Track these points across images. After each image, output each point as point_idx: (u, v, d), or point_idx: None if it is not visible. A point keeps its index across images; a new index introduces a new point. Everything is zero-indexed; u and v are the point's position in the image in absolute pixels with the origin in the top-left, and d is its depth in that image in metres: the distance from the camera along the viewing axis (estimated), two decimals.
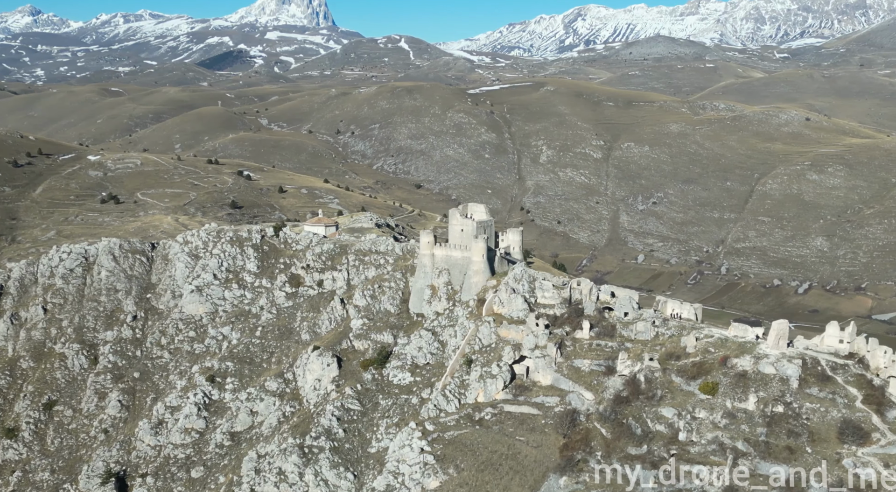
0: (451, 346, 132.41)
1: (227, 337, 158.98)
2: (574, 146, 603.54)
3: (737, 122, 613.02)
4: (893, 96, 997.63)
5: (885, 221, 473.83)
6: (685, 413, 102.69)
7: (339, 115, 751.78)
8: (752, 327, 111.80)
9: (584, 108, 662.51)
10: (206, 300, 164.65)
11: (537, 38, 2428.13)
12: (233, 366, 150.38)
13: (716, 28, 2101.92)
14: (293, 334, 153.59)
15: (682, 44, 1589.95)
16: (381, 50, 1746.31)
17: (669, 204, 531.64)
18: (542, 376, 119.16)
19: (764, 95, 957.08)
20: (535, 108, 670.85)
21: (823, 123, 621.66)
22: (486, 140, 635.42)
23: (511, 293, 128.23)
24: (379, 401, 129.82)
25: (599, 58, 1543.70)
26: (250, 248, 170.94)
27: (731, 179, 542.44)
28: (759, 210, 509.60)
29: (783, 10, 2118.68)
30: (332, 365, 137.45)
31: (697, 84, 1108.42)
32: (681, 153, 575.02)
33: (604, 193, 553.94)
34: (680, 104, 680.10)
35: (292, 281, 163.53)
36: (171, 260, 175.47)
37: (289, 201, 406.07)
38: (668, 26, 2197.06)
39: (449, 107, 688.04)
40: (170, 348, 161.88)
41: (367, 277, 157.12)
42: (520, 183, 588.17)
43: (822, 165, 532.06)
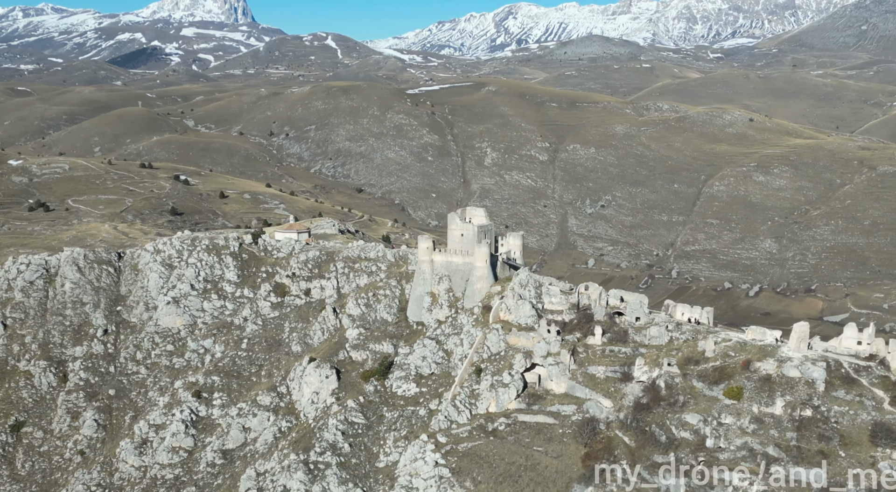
0: (457, 355, 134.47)
1: (210, 350, 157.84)
2: (519, 148, 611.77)
3: (681, 123, 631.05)
4: (828, 97, 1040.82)
5: (831, 222, 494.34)
6: (711, 419, 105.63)
7: (272, 116, 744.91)
8: (769, 331, 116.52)
9: (527, 109, 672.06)
10: (184, 312, 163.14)
11: (468, 37, 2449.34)
12: (219, 380, 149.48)
13: (648, 27, 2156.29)
14: (282, 346, 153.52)
15: (616, 43, 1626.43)
16: (308, 48, 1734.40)
17: (618, 207, 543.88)
18: (556, 384, 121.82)
19: (701, 96, 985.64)
20: (477, 109, 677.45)
21: (767, 123, 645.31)
22: (429, 142, 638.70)
23: (518, 299, 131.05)
24: (384, 413, 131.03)
25: (534, 57, 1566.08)
26: (229, 256, 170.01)
27: (678, 181, 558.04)
28: (707, 212, 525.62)
29: (714, 10, 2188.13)
30: (331, 377, 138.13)
31: (634, 84, 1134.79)
32: (627, 155, 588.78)
33: (551, 197, 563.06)
34: (624, 105, 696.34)
35: (277, 290, 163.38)
36: (141, 270, 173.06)
37: (231, 207, 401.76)
38: (601, 25, 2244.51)
39: (388, 108, 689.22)
40: (146, 364, 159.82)
41: (359, 284, 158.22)
42: (465, 186, 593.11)
43: (767, 166, 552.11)
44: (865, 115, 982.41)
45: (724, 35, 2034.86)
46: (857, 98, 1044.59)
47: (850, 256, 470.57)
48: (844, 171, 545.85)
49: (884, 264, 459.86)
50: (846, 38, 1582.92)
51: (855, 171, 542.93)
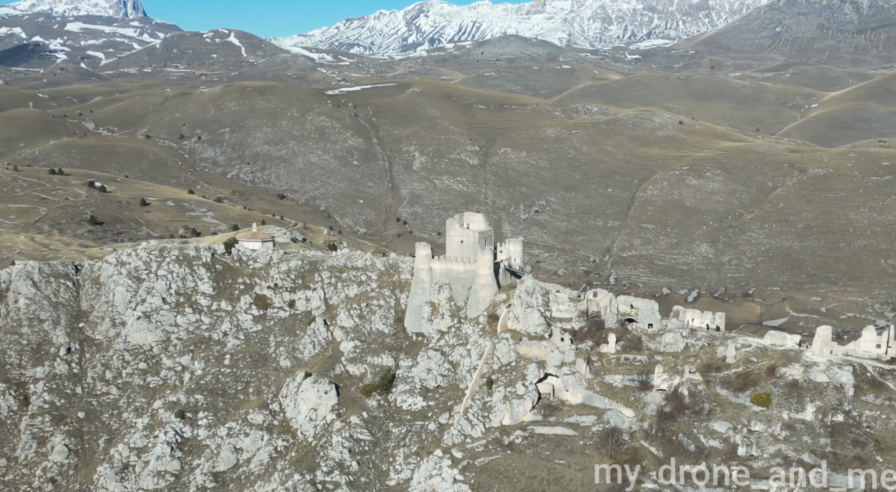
0: (464, 366, 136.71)
1: (188, 367, 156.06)
2: (448, 152, 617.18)
3: (612, 126, 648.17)
4: (747, 99, 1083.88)
5: (765, 225, 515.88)
6: (740, 427, 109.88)
7: (181, 118, 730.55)
8: (789, 335, 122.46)
9: (454, 112, 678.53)
10: (156, 327, 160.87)
11: (378, 35, 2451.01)
12: (203, 399, 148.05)
13: (563, 27, 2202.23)
14: (269, 361, 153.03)
15: (534, 44, 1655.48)
16: (209, 45, 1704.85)
17: (552, 212, 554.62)
18: (572, 395, 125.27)
19: (623, 98, 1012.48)
20: (402, 111, 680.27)
21: (696, 126, 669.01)
22: (353, 145, 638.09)
23: (527, 308, 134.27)
24: (390, 429, 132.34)
25: (450, 57, 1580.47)
26: (201, 267, 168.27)
27: (611, 185, 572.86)
28: (642, 217, 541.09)
29: (629, 10, 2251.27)
30: (331, 392, 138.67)
31: (555, 86, 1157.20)
32: (559, 159, 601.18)
33: (484, 202, 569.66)
34: (553, 107, 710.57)
35: (258, 302, 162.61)
36: (104, 284, 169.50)
37: (155, 215, 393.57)
38: (515, 25, 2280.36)
39: (308, 109, 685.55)
40: (117, 383, 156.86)
41: (349, 295, 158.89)
42: (393, 192, 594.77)
43: (700, 169, 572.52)
44: (784, 118, 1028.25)
45: (640, 36, 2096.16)
46: (775, 100, 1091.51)
47: (785, 260, 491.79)
48: (775, 173, 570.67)
49: (819, 268, 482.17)
50: (761, 40, 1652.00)
51: (786, 173, 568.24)
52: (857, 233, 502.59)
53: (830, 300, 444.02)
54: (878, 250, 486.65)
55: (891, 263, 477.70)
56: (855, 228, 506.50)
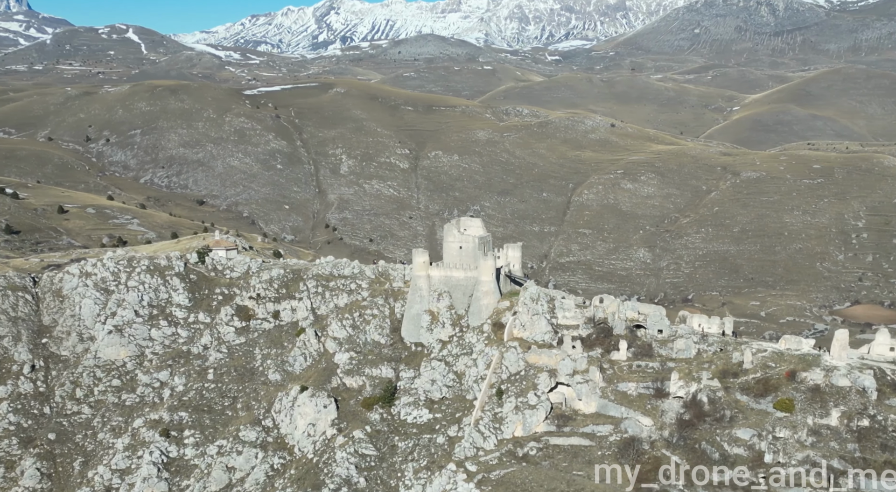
0: (469, 377, 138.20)
1: (168, 383, 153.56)
2: (377, 155, 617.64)
3: (543, 128, 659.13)
4: (670, 102, 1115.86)
5: (702, 229, 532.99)
6: (765, 433, 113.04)
7: (86, 119, 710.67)
8: (804, 340, 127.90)
9: (381, 113, 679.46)
10: (129, 342, 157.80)
11: (286, 33, 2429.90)
12: (188, 416, 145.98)
13: (480, 27, 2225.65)
14: (256, 375, 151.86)
15: (453, 44, 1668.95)
16: (105, 42, 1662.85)
17: (487, 218, 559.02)
18: (585, 404, 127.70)
19: (546, 100, 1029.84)
20: (327, 112, 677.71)
21: (628, 129, 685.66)
22: (276, 148, 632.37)
23: (533, 315, 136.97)
24: (396, 443, 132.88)
25: (366, 57, 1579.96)
26: (175, 277, 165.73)
27: (546, 189, 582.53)
28: (578, 222, 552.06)
29: (546, 10, 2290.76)
30: (330, 406, 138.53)
31: (477, 87, 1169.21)
32: (492, 162, 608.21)
33: (416, 207, 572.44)
34: (483, 109, 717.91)
35: (240, 314, 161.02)
36: (68, 296, 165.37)
37: (76, 224, 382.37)
38: (430, 24, 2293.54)
39: (226, 110, 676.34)
40: (89, 402, 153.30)
41: (338, 304, 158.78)
42: (321, 197, 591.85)
43: (634, 173, 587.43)
44: (707, 121, 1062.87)
45: (558, 36, 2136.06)
46: (698, 103, 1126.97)
47: (722, 265, 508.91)
48: (709, 177, 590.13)
49: (756, 272, 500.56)
50: (680, 42, 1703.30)
51: (719, 177, 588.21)
52: (792, 236, 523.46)
53: (769, 304, 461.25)
54: (813, 254, 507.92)
55: (826, 266, 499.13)
56: (790, 231, 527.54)
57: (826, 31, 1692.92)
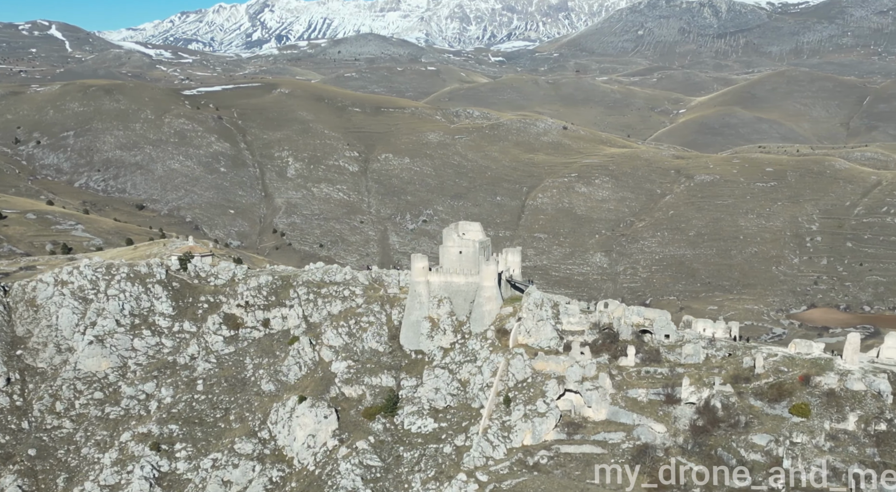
0: (475, 384, 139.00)
1: (154, 395, 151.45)
2: (325, 158, 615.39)
3: (495, 131, 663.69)
4: (616, 104, 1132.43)
5: (657, 233, 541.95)
6: (782, 439, 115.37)
7: (14, 120, 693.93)
8: (815, 343, 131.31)
9: (328, 115, 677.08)
10: (111, 353, 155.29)
11: (219, 31, 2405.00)
12: (178, 429, 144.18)
13: (420, 27, 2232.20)
14: (248, 385, 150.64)
15: (394, 43, 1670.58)
16: (27, 39, 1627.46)
17: (441, 222, 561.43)
18: (595, 411, 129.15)
19: (492, 102, 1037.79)
20: (271, 113, 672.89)
21: (580, 132, 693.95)
22: (219, 151, 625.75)
23: (538, 321, 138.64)
24: (401, 454, 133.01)
25: (305, 56, 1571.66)
26: (157, 285, 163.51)
27: (500, 193, 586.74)
28: (534, 226, 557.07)
29: (488, 10, 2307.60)
30: (331, 417, 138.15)
31: (421, 88, 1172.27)
32: (444, 165, 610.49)
33: (367, 211, 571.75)
34: (433, 111, 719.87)
35: (228, 322, 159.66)
36: (43, 306, 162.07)
37: (15, 229, 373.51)
38: (369, 23, 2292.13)
39: (165, 111, 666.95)
40: (70, 416, 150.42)
41: (332, 312, 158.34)
42: (267, 201, 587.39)
43: (588, 176, 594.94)
44: (654, 123, 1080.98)
45: (500, 37, 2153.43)
46: (644, 105, 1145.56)
47: (679, 269, 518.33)
48: (663, 180, 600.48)
49: (713, 276, 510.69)
50: (624, 44, 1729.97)
51: (673, 180, 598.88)
52: (748, 240, 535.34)
53: (727, 309, 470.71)
54: (768, 257, 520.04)
55: (782, 270, 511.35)
56: (745, 235, 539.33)
57: (768, 34, 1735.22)
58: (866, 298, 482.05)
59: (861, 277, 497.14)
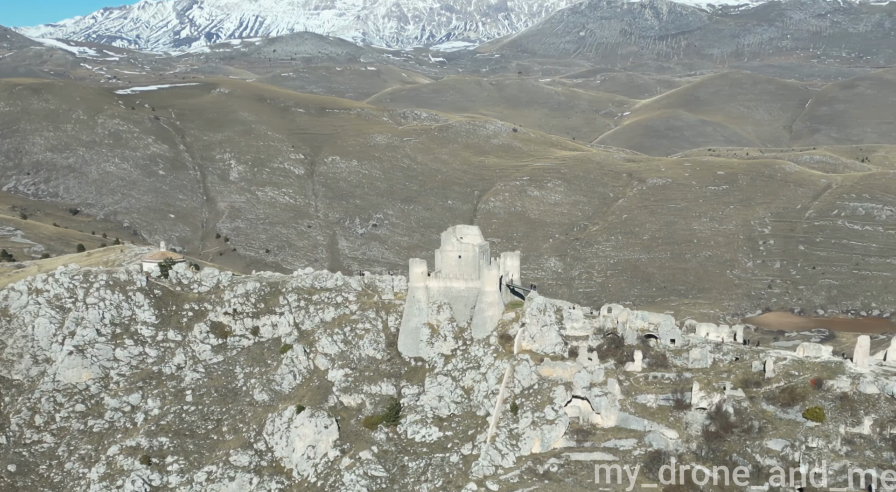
0: (479, 392, 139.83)
1: (140, 407, 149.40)
2: (270, 160, 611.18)
3: (444, 133, 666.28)
4: (561, 106, 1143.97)
5: (611, 237, 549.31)
6: (798, 444, 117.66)
7: None
8: (823, 347, 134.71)
9: (271, 116, 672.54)
10: (92, 363, 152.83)
11: (145, 28, 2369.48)
12: (169, 442, 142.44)
13: (357, 25, 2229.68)
14: (240, 395, 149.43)
15: (331, 43, 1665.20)
16: None
17: (392, 226, 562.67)
18: (604, 417, 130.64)
19: (436, 103, 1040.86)
20: (211, 114, 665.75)
21: (531, 134, 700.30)
22: (157, 153, 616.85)
23: (543, 327, 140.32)
24: (406, 463, 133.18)
25: (238, 55, 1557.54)
26: (138, 293, 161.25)
27: (451, 196, 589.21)
28: (486, 230, 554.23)
29: (426, 9, 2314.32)
30: (332, 427, 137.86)
31: (362, 89, 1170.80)
32: (393, 168, 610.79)
33: (315, 216, 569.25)
34: (380, 112, 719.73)
35: (215, 331, 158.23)
36: (16, 315, 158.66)
37: None
38: (303, 21, 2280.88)
39: (98, 111, 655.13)
40: (51, 430, 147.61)
41: (324, 319, 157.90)
42: (209, 205, 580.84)
43: (540, 179, 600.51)
44: (599, 126, 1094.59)
45: (439, 37, 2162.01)
46: (588, 108, 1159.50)
47: (634, 273, 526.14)
48: (615, 184, 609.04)
49: (668, 280, 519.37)
50: (566, 45, 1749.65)
51: (626, 184, 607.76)
52: (702, 244, 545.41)
53: (683, 313, 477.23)
54: (723, 261, 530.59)
55: (736, 273, 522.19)
56: (699, 238, 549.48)
57: (709, 36, 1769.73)
58: (820, 301, 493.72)
59: (814, 280, 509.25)
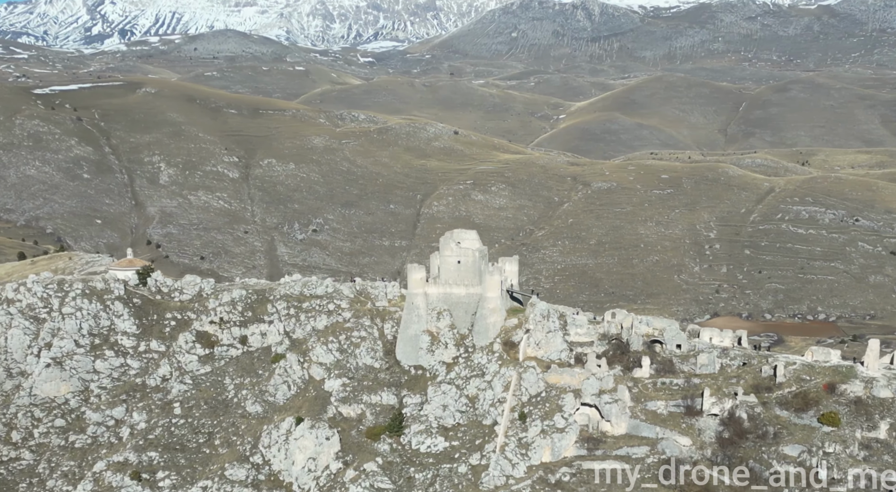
0: (485, 400, 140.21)
1: (125, 421, 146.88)
2: (202, 163, 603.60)
3: (384, 135, 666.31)
4: (496, 109, 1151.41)
5: (558, 242, 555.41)
6: (815, 449, 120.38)
7: None
8: (832, 351, 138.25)
9: (202, 117, 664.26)
10: (71, 376, 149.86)
11: (53, 24, 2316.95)
12: (159, 457, 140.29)
13: (280, 23, 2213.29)
14: (231, 407, 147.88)
15: (256, 41, 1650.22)
16: None
17: (333, 232, 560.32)
18: (615, 425, 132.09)
19: (367, 105, 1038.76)
20: (137, 114, 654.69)
21: (472, 137, 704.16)
22: (81, 155, 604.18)
23: (548, 333, 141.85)
24: (412, 475, 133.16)
25: (157, 53, 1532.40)
26: (116, 302, 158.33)
27: (393, 201, 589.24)
28: (430, 236, 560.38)
29: (352, 8, 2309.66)
30: (333, 439, 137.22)
31: (290, 89, 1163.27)
32: (333, 172, 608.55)
33: (252, 221, 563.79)
34: (316, 114, 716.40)
35: (201, 340, 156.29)
36: None
37: None
38: (223, 18, 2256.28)
39: (15, 111, 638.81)
40: (29, 446, 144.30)
41: (317, 327, 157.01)
42: (139, 210, 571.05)
43: (484, 183, 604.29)
44: (535, 129, 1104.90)
45: (367, 36, 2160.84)
46: (524, 110, 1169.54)
47: (582, 278, 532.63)
48: (560, 188, 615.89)
49: (616, 286, 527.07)
50: (498, 46, 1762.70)
51: (570, 188, 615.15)
52: (648, 248, 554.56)
53: None
54: (670, 266, 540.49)
55: (683, 278, 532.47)
56: (645, 243, 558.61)
57: (641, 38, 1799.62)
58: (767, 306, 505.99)
59: (761, 284, 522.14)
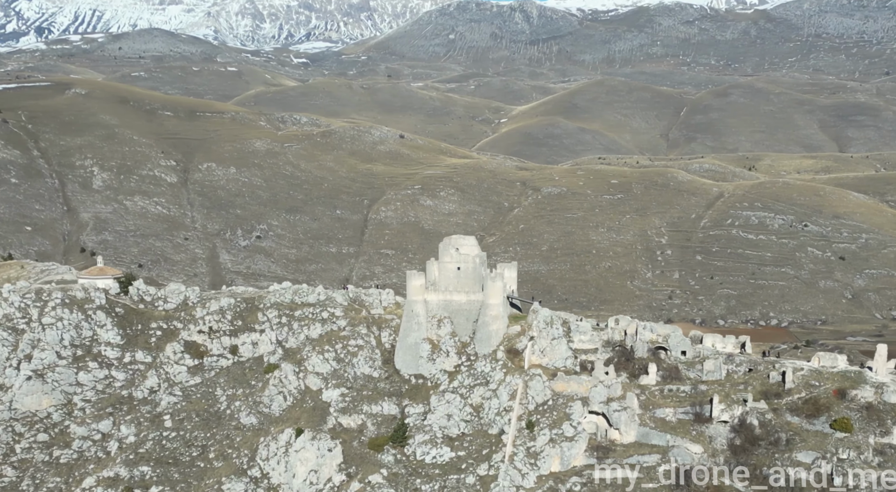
0: (489, 409, 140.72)
1: (113, 434, 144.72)
2: (138, 167, 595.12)
3: (328, 139, 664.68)
4: (436, 112, 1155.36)
5: (510, 248, 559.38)
6: (829, 455, 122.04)
7: None
8: (839, 355, 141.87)
9: (136, 119, 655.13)
10: (53, 389, 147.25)
11: None
12: (151, 471, 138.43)
13: (208, 23, 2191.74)
14: (224, 419, 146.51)
15: (184, 41, 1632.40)
16: None
17: (277, 238, 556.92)
18: (623, 433, 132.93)
19: (304, 107, 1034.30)
20: (67, 116, 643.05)
21: (419, 141, 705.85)
22: (7, 159, 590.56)
23: (552, 340, 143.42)
24: (418, 486, 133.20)
25: (79, 52, 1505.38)
26: (99, 311, 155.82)
27: (340, 206, 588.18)
28: (379, 242, 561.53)
29: (283, 7, 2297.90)
30: (336, 450, 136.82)
31: (222, 91, 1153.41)
32: (276, 176, 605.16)
33: (192, 227, 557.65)
34: (256, 116, 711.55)
35: (190, 350, 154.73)
36: None
37: None
38: (147, 17, 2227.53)
39: None
40: (11, 462, 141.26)
41: (310, 336, 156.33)
42: (71, 216, 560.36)
43: (432, 188, 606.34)
44: (476, 133, 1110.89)
45: (299, 37, 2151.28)
46: (465, 114, 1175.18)
47: (535, 285, 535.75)
48: (510, 193, 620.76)
49: (569, 292, 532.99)
50: (435, 48, 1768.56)
51: (520, 193, 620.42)
52: (600, 254, 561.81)
53: None
54: (622, 272, 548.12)
55: (636, 284, 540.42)
56: (597, 249, 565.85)
57: (580, 42, 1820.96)
58: (720, 311, 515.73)
59: (713, 290, 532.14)
